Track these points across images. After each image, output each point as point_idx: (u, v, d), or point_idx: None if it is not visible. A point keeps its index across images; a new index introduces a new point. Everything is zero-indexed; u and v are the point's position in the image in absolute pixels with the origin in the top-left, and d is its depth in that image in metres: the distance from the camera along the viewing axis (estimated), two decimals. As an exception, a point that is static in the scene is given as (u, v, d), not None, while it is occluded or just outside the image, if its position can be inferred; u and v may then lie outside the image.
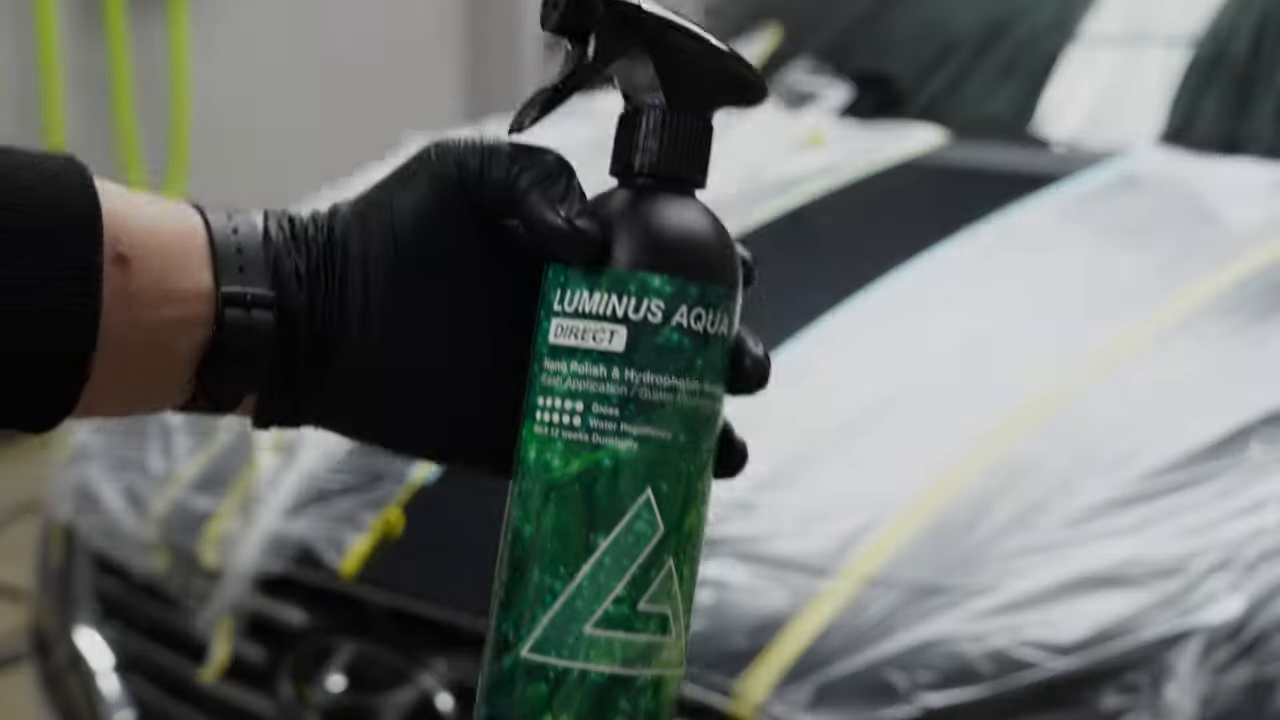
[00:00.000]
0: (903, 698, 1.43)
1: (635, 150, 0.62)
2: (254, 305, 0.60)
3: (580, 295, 0.60)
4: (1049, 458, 1.62)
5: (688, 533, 0.61)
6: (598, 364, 0.60)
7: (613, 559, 0.60)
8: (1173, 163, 2.25)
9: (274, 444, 1.89)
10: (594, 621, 0.59)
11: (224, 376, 0.61)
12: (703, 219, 0.62)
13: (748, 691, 1.46)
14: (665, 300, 0.60)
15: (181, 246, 0.61)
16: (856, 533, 1.56)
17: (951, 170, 2.39)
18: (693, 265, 0.60)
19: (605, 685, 0.59)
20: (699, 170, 0.62)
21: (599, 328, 0.60)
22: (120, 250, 0.58)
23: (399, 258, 0.62)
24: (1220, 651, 1.43)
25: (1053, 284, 1.99)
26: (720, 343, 0.61)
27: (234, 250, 0.61)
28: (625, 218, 0.61)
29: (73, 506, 2.01)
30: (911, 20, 2.79)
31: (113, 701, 1.93)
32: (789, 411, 1.66)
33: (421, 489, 1.75)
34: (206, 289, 0.60)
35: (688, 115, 0.62)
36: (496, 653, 0.61)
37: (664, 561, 0.61)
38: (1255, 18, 2.44)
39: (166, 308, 0.60)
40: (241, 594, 1.79)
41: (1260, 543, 1.49)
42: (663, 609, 0.61)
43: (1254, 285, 1.88)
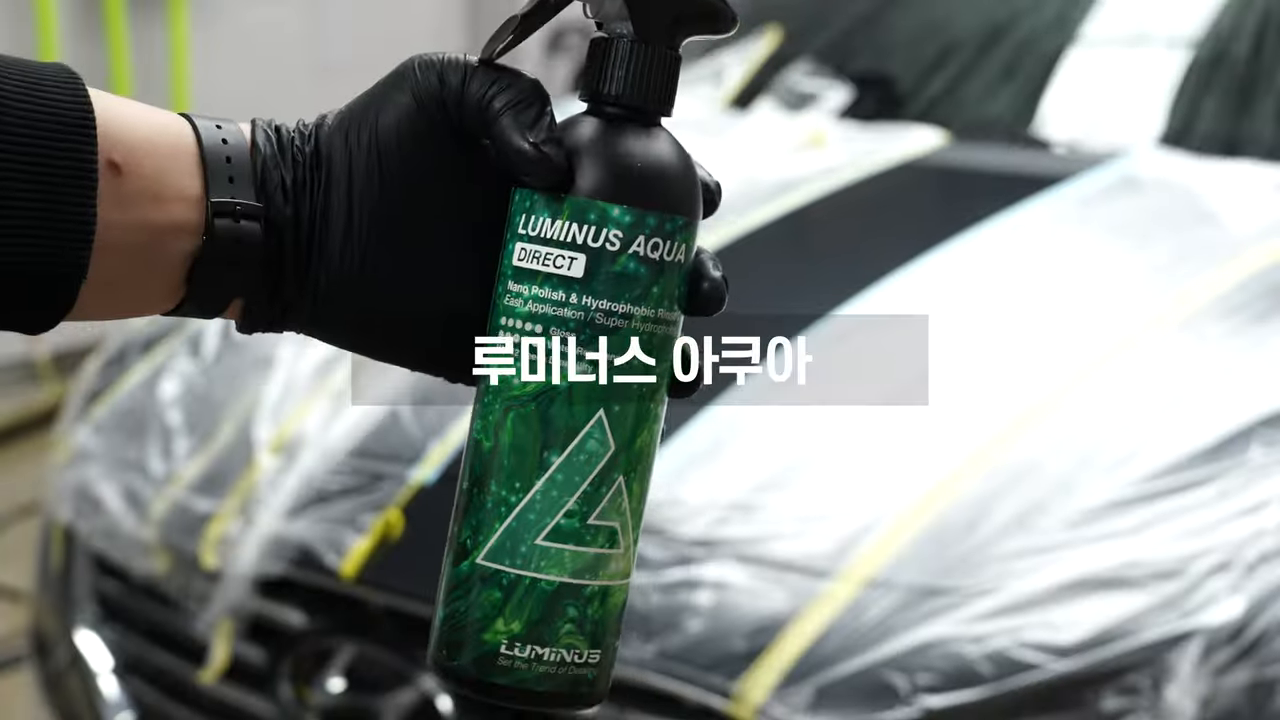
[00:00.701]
0: (903, 699, 1.43)
1: (603, 79, 0.63)
2: (242, 216, 0.62)
3: (543, 221, 0.62)
4: (1049, 460, 1.62)
5: (638, 451, 0.64)
6: (557, 289, 0.62)
7: (565, 475, 0.63)
8: (1173, 164, 2.25)
9: (274, 446, 1.89)
10: (545, 534, 0.63)
11: (212, 282, 0.63)
12: (665, 149, 0.64)
13: (747, 693, 1.46)
14: (624, 230, 0.62)
15: (172, 154, 0.62)
16: (856, 534, 1.56)
17: (952, 172, 2.39)
18: (652, 196, 0.62)
19: (554, 593, 0.63)
20: (664, 100, 0.64)
21: (559, 254, 0.62)
22: (112, 157, 0.60)
23: (381, 171, 0.64)
24: (1220, 653, 1.43)
25: (1053, 285, 1.99)
26: (677, 269, 0.63)
27: (223, 160, 0.63)
28: (589, 146, 0.63)
29: (73, 508, 2.01)
30: (912, 21, 2.79)
31: (113, 703, 1.93)
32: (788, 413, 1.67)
33: (421, 490, 1.75)
34: (196, 197, 0.62)
35: (654, 46, 0.63)
36: (455, 558, 0.65)
37: (614, 479, 0.63)
38: (1255, 19, 2.44)
39: (157, 213, 0.61)
40: (241, 595, 1.79)
41: (1260, 544, 1.49)
42: (611, 524, 0.63)
43: (1254, 286, 1.88)
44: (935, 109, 2.56)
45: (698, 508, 1.62)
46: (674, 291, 0.63)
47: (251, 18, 4.32)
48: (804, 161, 2.36)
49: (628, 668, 1.52)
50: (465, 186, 0.65)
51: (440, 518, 1.97)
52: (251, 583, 1.78)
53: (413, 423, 1.83)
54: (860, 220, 2.29)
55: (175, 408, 2.06)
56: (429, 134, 0.64)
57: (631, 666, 1.52)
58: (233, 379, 2.07)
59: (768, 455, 1.68)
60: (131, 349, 2.24)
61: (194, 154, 0.63)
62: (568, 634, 0.63)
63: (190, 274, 0.63)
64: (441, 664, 0.65)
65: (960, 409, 1.71)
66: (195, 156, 0.63)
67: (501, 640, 0.63)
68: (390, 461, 1.79)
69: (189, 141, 0.63)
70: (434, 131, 0.64)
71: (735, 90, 2.76)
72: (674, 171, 0.63)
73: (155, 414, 2.06)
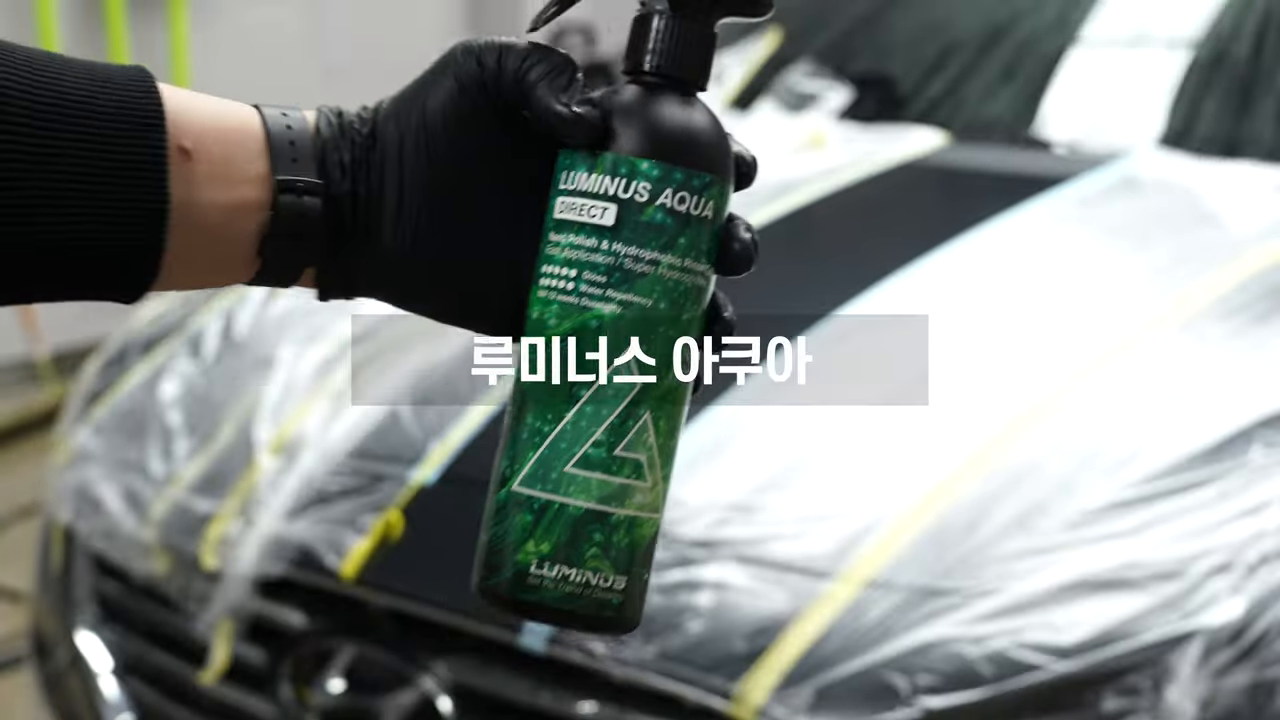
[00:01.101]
0: (903, 700, 1.43)
1: (642, 51, 0.69)
2: (305, 192, 0.69)
3: (580, 175, 0.68)
4: (1049, 461, 1.62)
5: (665, 391, 0.68)
6: (590, 236, 0.67)
7: (593, 408, 0.67)
8: (1173, 165, 2.25)
9: (274, 446, 1.89)
10: (574, 462, 0.67)
11: (281, 254, 0.69)
12: (696, 115, 0.69)
13: (747, 694, 1.46)
14: (651, 182, 0.67)
15: (240, 139, 0.69)
16: (857, 535, 1.56)
17: (952, 172, 2.39)
18: (679, 153, 0.68)
19: (582, 518, 0.67)
20: (699, 73, 0.69)
21: (593, 204, 0.67)
22: (183, 143, 0.67)
23: (430, 152, 0.70)
24: (1221, 654, 1.43)
25: (1053, 286, 1.99)
26: (704, 224, 0.68)
27: (287, 143, 0.69)
28: (625, 109, 0.68)
29: (73, 509, 2.01)
30: (912, 22, 2.79)
31: (113, 704, 1.93)
32: (788, 413, 1.67)
33: (421, 491, 1.75)
34: (263, 176, 0.69)
35: (691, 22, 0.68)
36: (496, 486, 0.69)
37: (640, 415, 0.68)
38: (1256, 20, 2.44)
39: (227, 193, 0.68)
40: (241, 596, 1.79)
41: (1261, 545, 1.49)
42: (638, 456, 0.68)
43: (1254, 287, 1.88)
44: (936, 110, 2.56)
45: (698, 508, 1.62)
46: (702, 245, 0.68)
47: (251, 18, 4.32)
48: (804, 162, 2.36)
49: (628, 668, 1.52)
50: (510, 163, 0.70)
51: (440, 518, 1.96)
52: (251, 583, 1.78)
53: (413, 423, 1.83)
54: (860, 221, 2.29)
55: (175, 408, 2.06)
56: (473, 116, 0.69)
57: (632, 667, 1.52)
58: (233, 380, 2.08)
59: (768, 456, 1.68)
60: (131, 350, 2.24)
61: (260, 138, 0.69)
62: (593, 557, 0.67)
63: (261, 247, 0.69)
64: (481, 585, 0.69)
65: (961, 410, 1.71)
66: (262, 140, 0.69)
67: (532, 560, 0.67)
68: (390, 462, 1.79)
69: (256, 127, 0.70)
70: (478, 113, 0.69)
71: (735, 91, 2.76)
72: (704, 134, 0.68)
73: (155, 415, 2.06)
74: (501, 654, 1.62)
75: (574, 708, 1.56)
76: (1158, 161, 2.27)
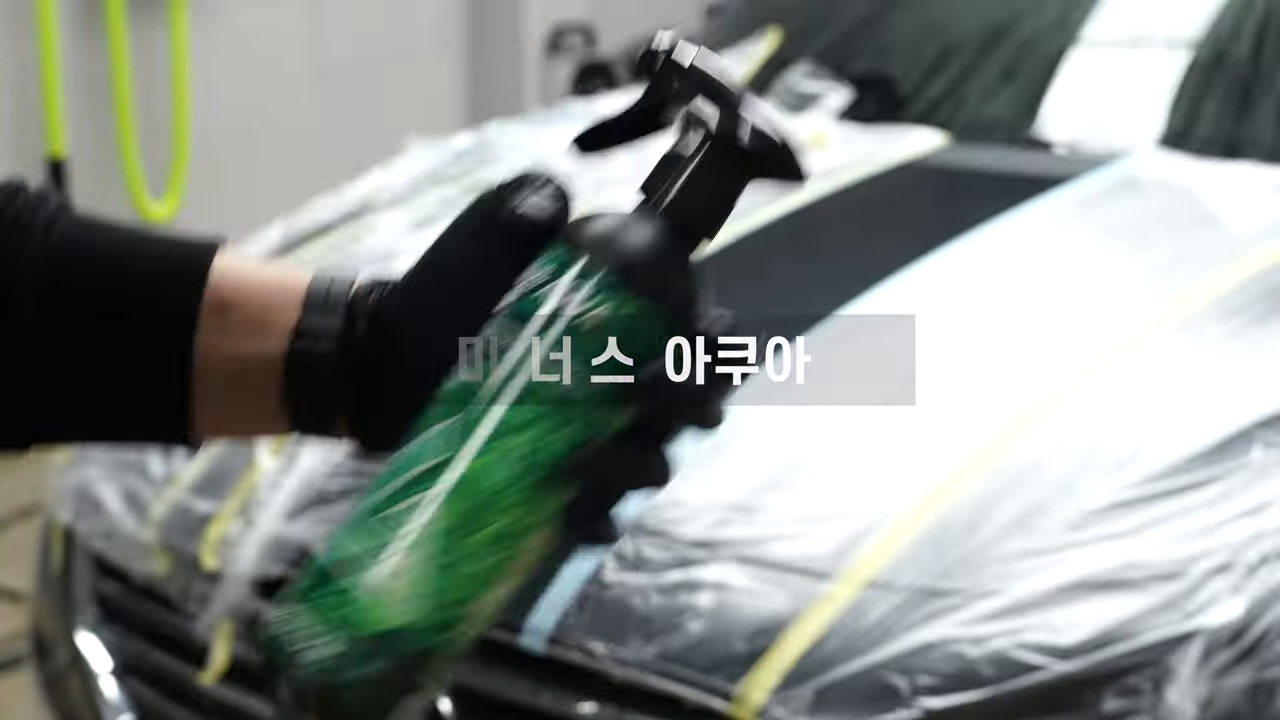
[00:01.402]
0: (903, 701, 1.43)
1: (660, 185, 0.67)
2: (320, 337, 0.68)
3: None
4: (1050, 461, 1.62)
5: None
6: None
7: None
8: (1173, 166, 2.25)
9: (274, 447, 1.89)
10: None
11: (299, 399, 0.69)
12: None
13: (747, 695, 1.46)
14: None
15: (281, 290, 0.69)
16: (857, 536, 1.56)
17: (952, 173, 2.39)
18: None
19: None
20: (711, 226, 0.68)
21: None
22: (223, 295, 0.68)
23: (449, 301, 0.67)
24: (1221, 655, 1.43)
25: (1053, 287, 1.99)
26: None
27: (323, 292, 0.69)
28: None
29: (73, 509, 2.01)
30: (912, 23, 2.79)
31: (113, 704, 1.93)
32: (788, 413, 1.66)
33: (421, 492, 1.75)
34: (290, 326, 0.68)
35: (718, 177, 0.66)
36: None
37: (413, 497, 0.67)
38: (1256, 21, 2.44)
39: (254, 344, 0.68)
40: (241, 597, 1.78)
41: (1261, 546, 1.49)
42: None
43: (1254, 288, 1.88)
44: (936, 110, 2.56)
45: (698, 509, 1.62)
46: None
47: (251, 19, 4.31)
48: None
49: (628, 668, 1.52)
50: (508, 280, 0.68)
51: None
52: (251, 584, 1.78)
53: (413, 424, 1.83)
54: (861, 221, 2.29)
55: (175, 409, 2.06)
56: (483, 252, 0.68)
57: (632, 667, 1.52)
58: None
59: (768, 456, 1.68)
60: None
61: (301, 291, 0.69)
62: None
63: (282, 399, 0.69)
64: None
65: (961, 410, 1.71)
66: (302, 293, 0.69)
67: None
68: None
69: (300, 282, 0.69)
70: (487, 247, 0.68)
71: (735, 91, 2.76)
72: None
73: (155, 415, 2.06)
74: (501, 654, 1.61)
75: (574, 708, 1.56)
76: (1158, 162, 2.27)
